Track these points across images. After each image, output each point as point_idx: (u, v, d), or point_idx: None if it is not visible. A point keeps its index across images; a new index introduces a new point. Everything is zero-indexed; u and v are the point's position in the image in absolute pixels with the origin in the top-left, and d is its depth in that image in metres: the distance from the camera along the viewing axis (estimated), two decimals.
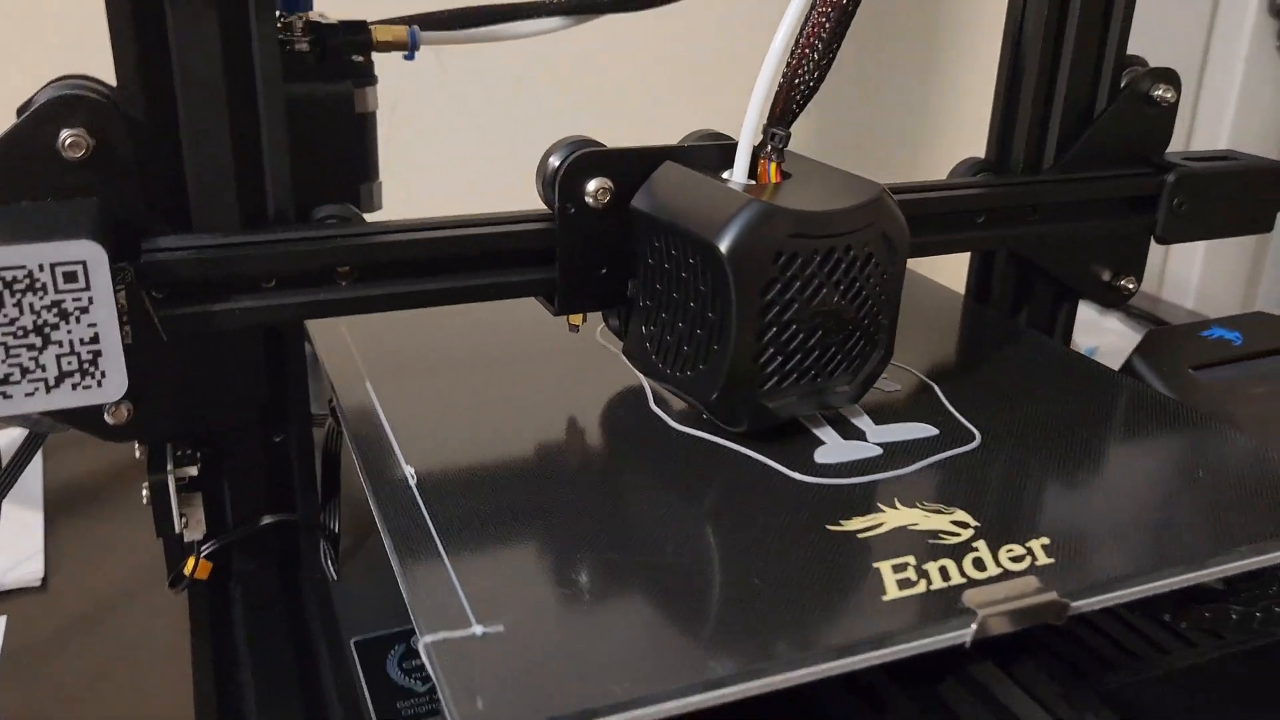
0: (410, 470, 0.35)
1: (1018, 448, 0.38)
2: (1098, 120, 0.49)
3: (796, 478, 0.35)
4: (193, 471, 0.37)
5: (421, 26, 0.43)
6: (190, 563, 0.39)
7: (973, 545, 0.32)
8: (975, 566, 0.31)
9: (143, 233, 0.33)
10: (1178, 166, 0.49)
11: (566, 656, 0.27)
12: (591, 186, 0.36)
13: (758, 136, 0.36)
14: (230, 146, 0.34)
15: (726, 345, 0.35)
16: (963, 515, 0.33)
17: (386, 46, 0.41)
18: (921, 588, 0.30)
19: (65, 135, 0.31)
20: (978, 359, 0.47)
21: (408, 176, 0.40)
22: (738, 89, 0.36)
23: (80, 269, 0.30)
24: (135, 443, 0.37)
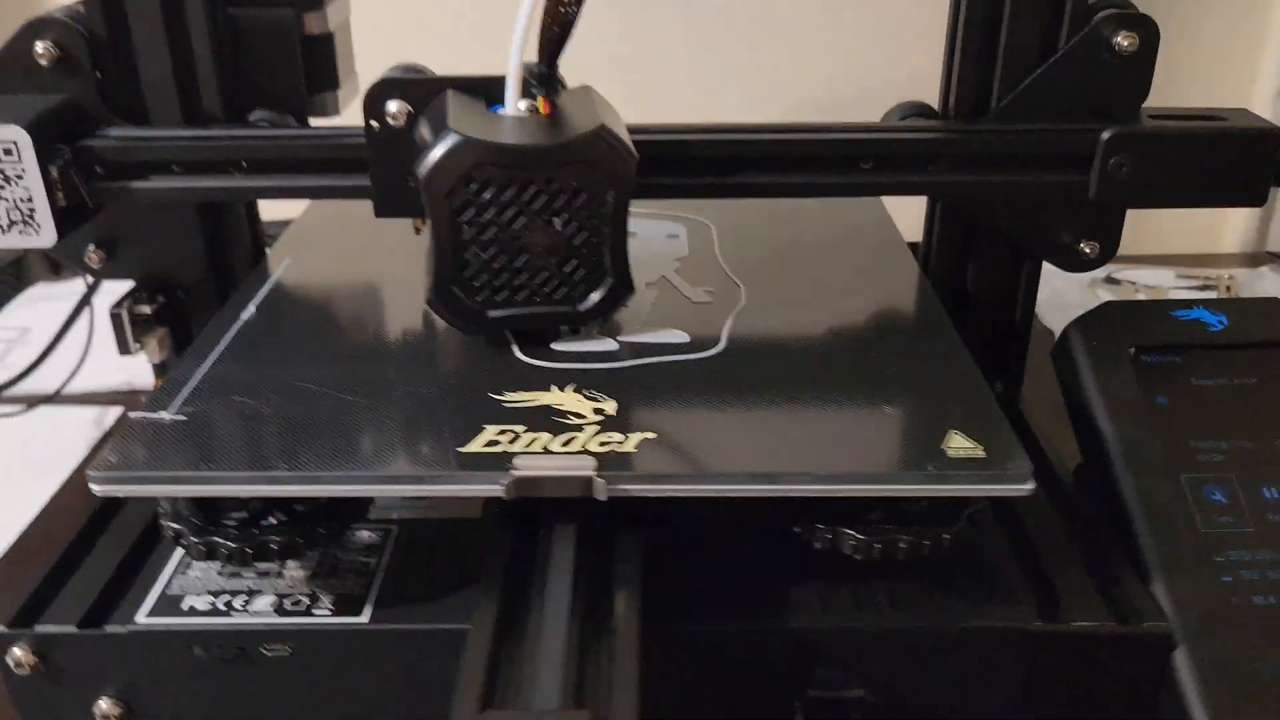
0: (252, 308, 0.45)
1: (750, 361, 0.41)
2: (1045, 67, 0.47)
3: (517, 356, 0.41)
4: (147, 310, 0.50)
5: None
6: None
7: (584, 428, 0.36)
8: (564, 444, 0.35)
9: (98, 123, 0.46)
10: (1121, 124, 0.46)
11: (204, 444, 0.36)
12: (392, 108, 0.42)
13: (518, 71, 0.40)
14: (170, 60, 0.46)
15: (433, 255, 0.40)
16: (610, 406, 0.37)
17: None
18: (500, 448, 0.35)
19: (39, 46, 0.44)
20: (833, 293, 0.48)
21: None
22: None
23: (14, 146, 0.42)
24: None
